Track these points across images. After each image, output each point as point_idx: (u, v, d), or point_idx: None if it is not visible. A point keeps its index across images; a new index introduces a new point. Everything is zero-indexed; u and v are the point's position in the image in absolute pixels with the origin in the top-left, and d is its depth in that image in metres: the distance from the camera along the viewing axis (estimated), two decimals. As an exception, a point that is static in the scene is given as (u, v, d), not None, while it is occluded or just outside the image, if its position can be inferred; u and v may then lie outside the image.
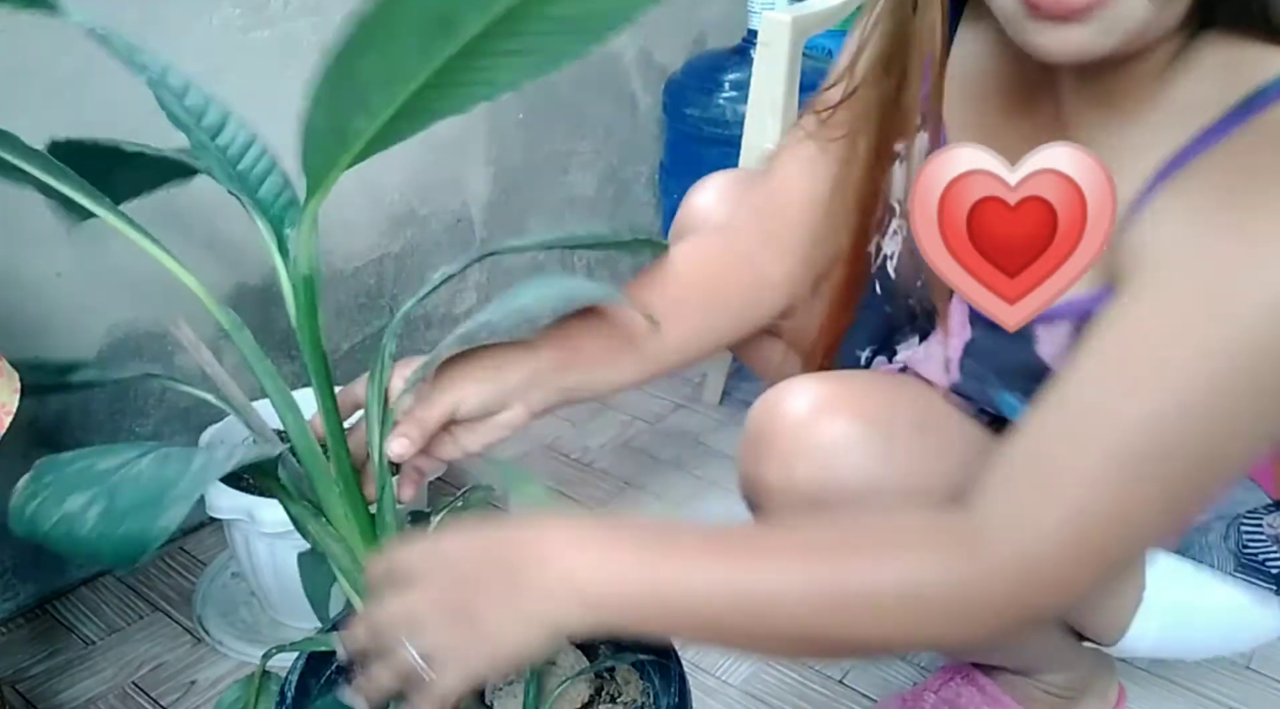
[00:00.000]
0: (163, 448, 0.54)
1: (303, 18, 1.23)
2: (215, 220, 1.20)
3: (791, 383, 0.75)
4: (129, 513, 0.50)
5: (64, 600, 1.19)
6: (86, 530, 0.49)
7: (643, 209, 1.82)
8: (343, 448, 0.66)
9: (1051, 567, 0.56)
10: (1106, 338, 0.57)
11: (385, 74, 0.50)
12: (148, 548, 0.49)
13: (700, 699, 1.05)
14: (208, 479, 0.52)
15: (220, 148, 0.66)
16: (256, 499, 1.01)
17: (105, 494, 0.50)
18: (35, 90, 1.03)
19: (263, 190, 0.66)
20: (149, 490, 0.51)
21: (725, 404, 1.58)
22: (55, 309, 1.11)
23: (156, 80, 0.64)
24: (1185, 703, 1.06)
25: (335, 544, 0.67)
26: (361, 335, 1.43)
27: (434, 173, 1.45)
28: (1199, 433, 0.55)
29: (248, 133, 0.67)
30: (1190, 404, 0.54)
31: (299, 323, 0.64)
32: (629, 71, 1.68)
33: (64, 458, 0.53)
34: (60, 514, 0.50)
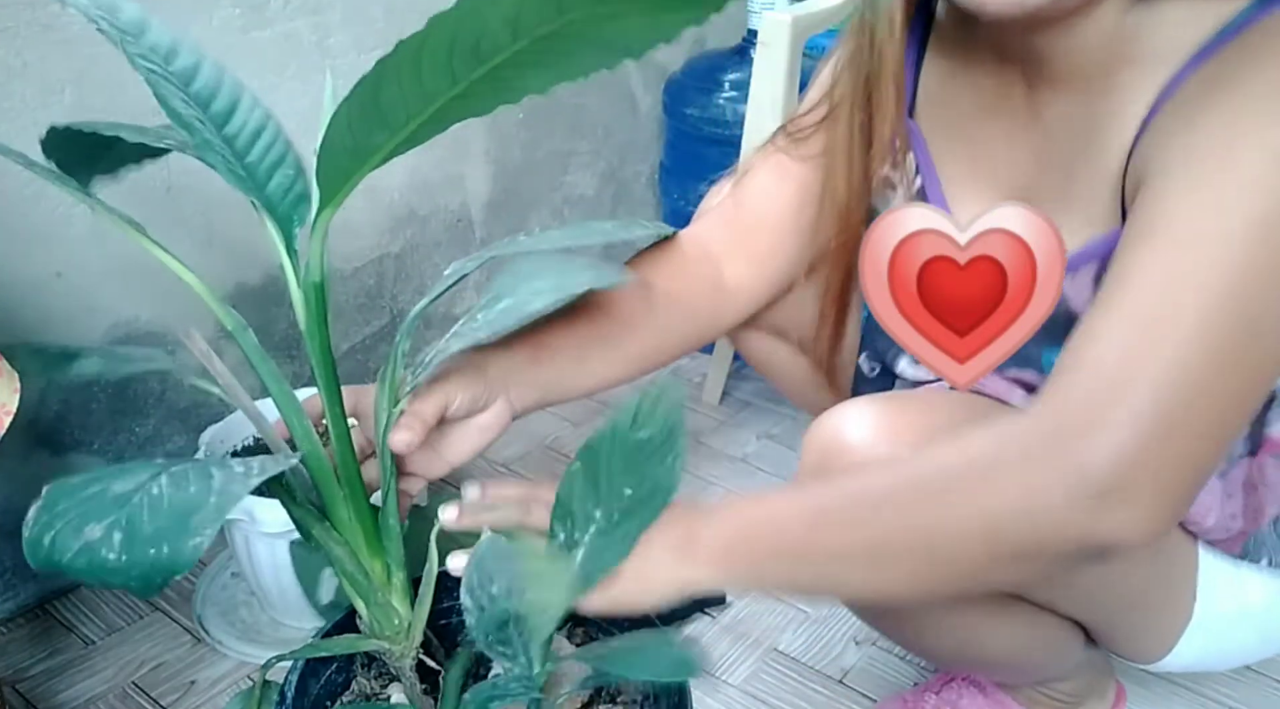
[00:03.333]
0: (172, 466, 0.53)
1: (302, 18, 1.23)
2: (215, 219, 1.20)
3: (847, 409, 0.72)
4: (153, 539, 0.48)
5: (64, 600, 1.19)
6: (111, 559, 0.47)
7: (642, 209, 1.82)
8: (348, 452, 0.66)
9: (1175, 497, 0.57)
10: (1147, 247, 0.58)
11: (410, 96, 0.50)
12: (177, 573, 0.48)
13: (700, 699, 1.05)
14: (233, 500, 0.50)
15: (227, 138, 0.62)
16: (257, 499, 1.01)
17: (125, 520, 0.48)
18: (34, 90, 1.03)
19: (272, 185, 0.63)
20: (173, 514, 0.49)
21: (725, 404, 1.58)
22: (55, 309, 1.11)
23: (159, 72, 0.61)
24: (1185, 703, 1.06)
25: (339, 548, 0.67)
26: (361, 335, 1.43)
27: (434, 173, 1.45)
28: (1249, 319, 0.56)
29: (260, 116, 0.63)
30: (1232, 292, 0.56)
31: (309, 329, 0.63)
32: (629, 71, 1.68)
33: (74, 482, 0.51)
34: (80, 544, 0.48)
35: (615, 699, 0.78)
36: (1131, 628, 0.80)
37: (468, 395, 0.71)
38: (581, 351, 0.79)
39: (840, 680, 1.09)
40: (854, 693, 1.07)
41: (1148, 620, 0.80)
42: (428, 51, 0.47)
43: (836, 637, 1.14)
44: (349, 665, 0.78)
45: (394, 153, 0.55)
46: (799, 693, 1.07)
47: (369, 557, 0.68)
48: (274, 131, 0.62)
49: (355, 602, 0.69)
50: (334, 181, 0.56)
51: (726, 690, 1.07)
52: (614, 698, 0.78)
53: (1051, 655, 0.83)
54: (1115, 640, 0.82)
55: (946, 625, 0.73)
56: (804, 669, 1.10)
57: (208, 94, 0.61)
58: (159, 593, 0.57)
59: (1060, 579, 0.72)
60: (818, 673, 1.10)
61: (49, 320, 1.10)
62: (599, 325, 0.79)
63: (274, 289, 1.29)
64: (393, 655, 0.70)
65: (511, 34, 0.46)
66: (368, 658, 0.78)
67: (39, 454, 1.14)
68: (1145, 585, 0.77)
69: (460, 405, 0.71)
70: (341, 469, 0.66)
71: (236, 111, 0.62)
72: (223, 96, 0.61)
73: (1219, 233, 0.57)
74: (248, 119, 0.62)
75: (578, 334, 0.79)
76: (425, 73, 0.48)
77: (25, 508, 0.51)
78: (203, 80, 0.61)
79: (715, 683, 1.08)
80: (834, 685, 1.08)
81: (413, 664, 0.71)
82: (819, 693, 1.07)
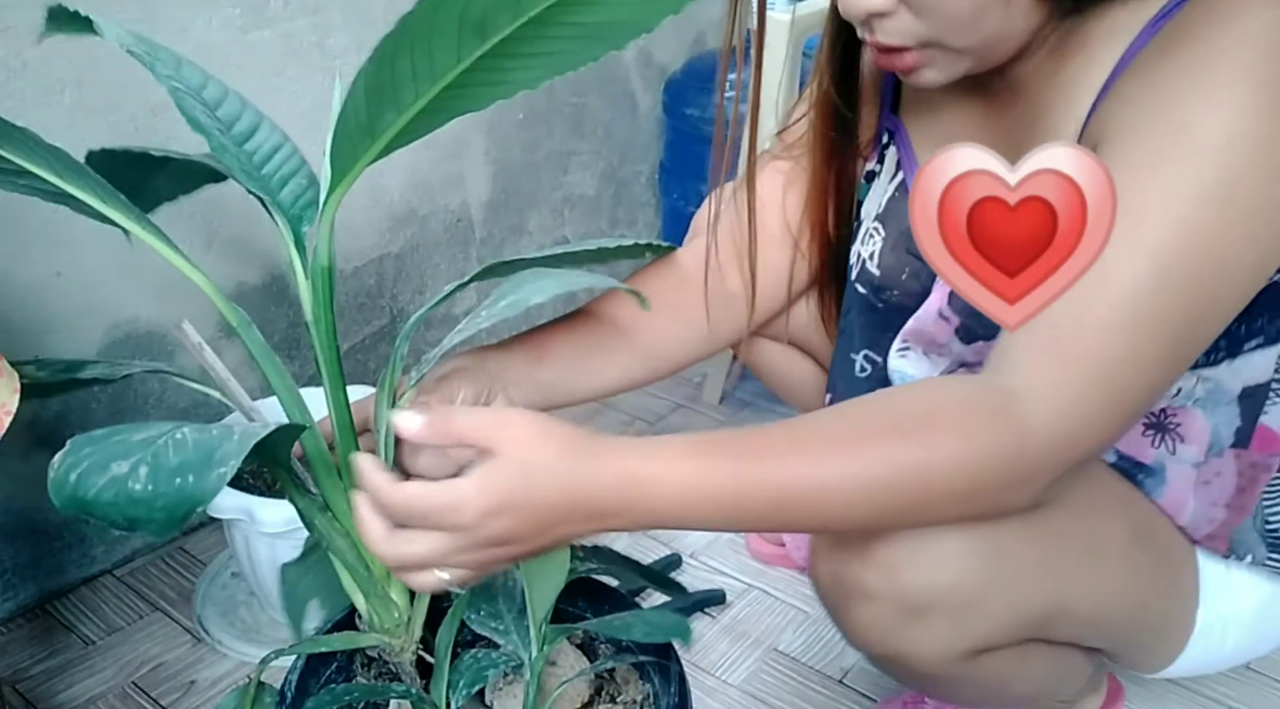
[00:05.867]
0: (191, 423, 0.55)
1: (302, 18, 1.23)
2: (213, 220, 1.20)
3: None
4: (179, 470, 0.50)
5: (64, 600, 1.19)
6: (137, 490, 0.49)
7: (642, 209, 1.82)
8: (352, 442, 0.66)
9: (1088, 417, 0.60)
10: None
11: (420, 72, 0.53)
12: (202, 503, 0.49)
13: (700, 699, 1.05)
14: (253, 438, 0.52)
15: (248, 153, 0.68)
16: (257, 499, 1.01)
17: (151, 457, 0.50)
18: (33, 90, 1.03)
19: (285, 191, 0.68)
20: (197, 451, 0.51)
21: (725, 404, 1.58)
22: (55, 309, 1.11)
23: (185, 90, 0.67)
24: (1184, 703, 1.06)
25: (340, 539, 0.67)
26: (361, 335, 1.43)
27: (434, 173, 1.45)
28: (1190, 267, 0.59)
29: (278, 136, 0.70)
30: (1175, 244, 0.59)
31: (315, 314, 0.65)
32: (629, 71, 1.68)
33: (96, 434, 0.53)
34: (106, 478, 0.49)
35: (615, 699, 0.78)
36: (1146, 645, 0.81)
37: (471, 390, 0.72)
38: (582, 355, 0.80)
39: (840, 680, 1.09)
40: (854, 693, 1.07)
41: (1160, 636, 0.80)
42: (439, 26, 0.51)
43: (836, 637, 1.14)
44: (349, 665, 0.78)
45: (399, 138, 0.57)
46: (799, 693, 1.07)
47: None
48: (290, 150, 0.71)
49: (354, 597, 0.69)
50: (345, 160, 0.58)
51: (726, 690, 1.07)
52: (614, 698, 0.78)
53: (1069, 682, 0.84)
54: (1127, 656, 0.82)
55: (972, 681, 0.73)
56: (804, 669, 1.10)
57: (232, 116, 0.70)
58: (180, 528, 0.58)
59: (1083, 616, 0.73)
60: (818, 673, 1.10)
61: (49, 320, 1.10)
62: (599, 331, 0.80)
63: (274, 289, 1.29)
64: (392, 651, 0.71)
65: (512, 13, 0.51)
66: (367, 658, 0.79)
67: (39, 454, 1.14)
68: (1162, 604, 0.78)
69: (464, 401, 0.72)
70: (343, 460, 0.66)
71: (257, 132, 0.70)
72: (246, 119, 0.70)
73: (1168, 196, 0.59)
74: (267, 138, 0.70)
75: (578, 339, 0.80)
76: (436, 47, 0.52)
77: (26, 508, 0.51)
78: (229, 107, 0.70)
79: (715, 683, 1.08)
80: (834, 685, 1.08)
81: (412, 660, 0.71)
82: (819, 693, 1.07)
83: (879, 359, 0.86)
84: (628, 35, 0.54)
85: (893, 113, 0.83)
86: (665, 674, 0.75)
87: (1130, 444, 0.76)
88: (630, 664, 0.80)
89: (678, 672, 0.74)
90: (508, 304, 0.65)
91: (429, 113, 0.56)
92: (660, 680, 0.76)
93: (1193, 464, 0.75)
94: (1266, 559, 0.79)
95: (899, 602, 0.67)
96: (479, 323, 0.66)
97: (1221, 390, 0.73)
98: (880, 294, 0.83)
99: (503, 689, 0.78)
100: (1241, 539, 0.78)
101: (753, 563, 1.25)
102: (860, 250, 0.85)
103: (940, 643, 0.68)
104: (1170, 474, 0.76)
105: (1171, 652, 0.81)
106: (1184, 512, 0.76)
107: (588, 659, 0.80)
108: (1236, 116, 0.58)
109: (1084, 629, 0.75)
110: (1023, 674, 0.75)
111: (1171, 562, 0.78)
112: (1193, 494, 0.76)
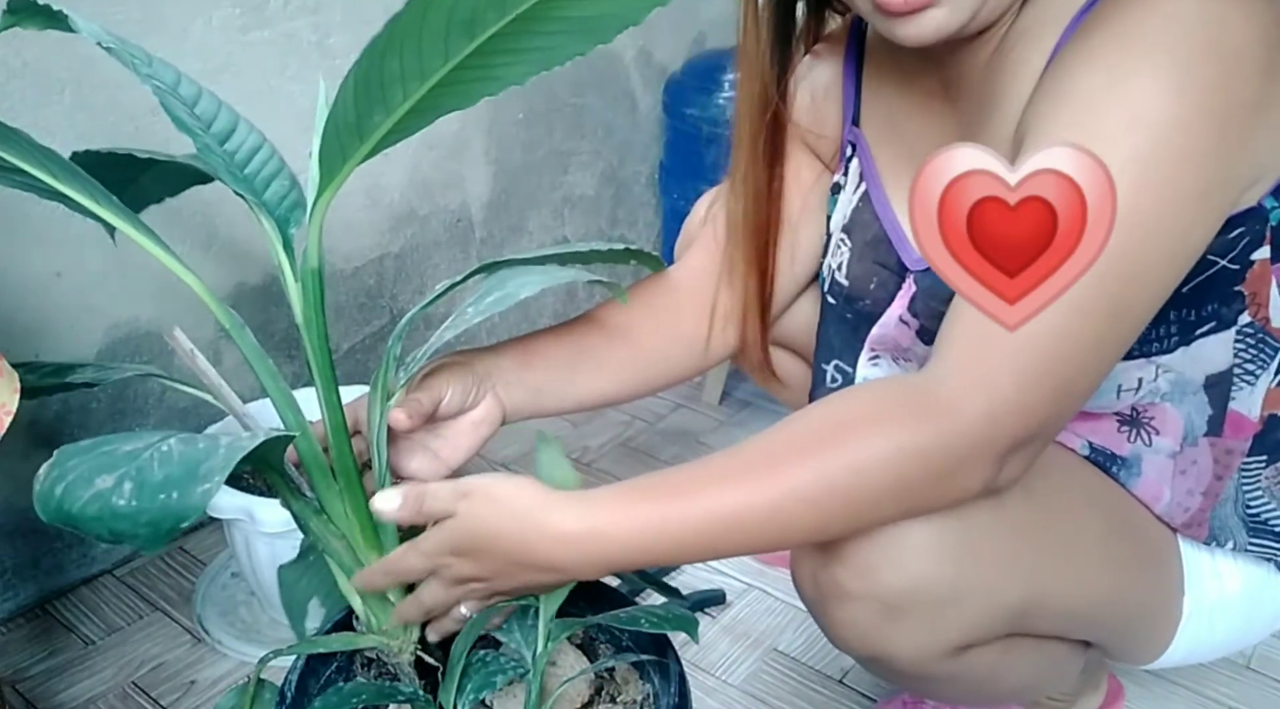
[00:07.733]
0: (179, 433, 0.54)
1: (302, 18, 1.23)
2: (213, 221, 1.20)
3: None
4: (163, 486, 0.50)
5: (64, 600, 1.19)
6: (121, 506, 0.49)
7: (642, 209, 1.82)
8: (345, 444, 0.66)
9: (1016, 403, 0.60)
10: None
11: (408, 71, 0.53)
12: (186, 519, 0.49)
13: (700, 699, 1.05)
14: (240, 452, 0.52)
15: (229, 152, 0.68)
16: (256, 499, 1.01)
17: (135, 472, 0.50)
18: (33, 90, 1.03)
19: (269, 192, 0.68)
20: (182, 466, 0.51)
21: (725, 404, 1.58)
22: (55, 309, 1.11)
23: (166, 89, 0.66)
24: (1185, 703, 1.06)
25: (336, 541, 0.67)
26: (361, 335, 1.43)
27: (434, 173, 1.45)
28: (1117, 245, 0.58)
29: (256, 137, 0.70)
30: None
31: (306, 316, 0.64)
32: (629, 71, 1.68)
33: (83, 444, 0.53)
34: (91, 492, 0.49)
35: (615, 699, 0.78)
36: (1133, 636, 0.81)
37: (459, 389, 0.74)
38: (570, 361, 0.81)
39: (840, 680, 1.09)
40: (854, 693, 1.07)
41: (1146, 626, 0.80)
42: (428, 26, 0.51)
43: (836, 636, 1.14)
44: (349, 665, 0.78)
45: (386, 139, 0.57)
46: (799, 693, 1.07)
47: (366, 550, 0.68)
48: (269, 151, 0.70)
49: (351, 599, 0.69)
50: (334, 160, 0.58)
51: (726, 690, 1.07)
52: (614, 698, 0.78)
53: (1059, 676, 0.84)
54: (1115, 648, 0.83)
55: (959, 678, 0.74)
56: (804, 669, 1.10)
57: (209, 116, 0.69)
58: (165, 544, 0.58)
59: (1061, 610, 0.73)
60: (818, 673, 1.10)
61: (49, 320, 1.11)
62: (588, 339, 0.82)
63: (274, 289, 1.29)
64: (391, 652, 0.71)
65: (500, 10, 0.51)
66: (367, 658, 0.79)
67: (39, 454, 1.13)
68: (1143, 594, 0.78)
69: (452, 400, 0.74)
70: (337, 462, 0.66)
71: (235, 132, 0.69)
72: (223, 119, 0.70)
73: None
74: (246, 138, 0.69)
75: (566, 346, 0.82)
76: (425, 47, 0.52)
77: (26, 508, 0.51)
78: (205, 105, 0.69)
79: (715, 683, 1.08)
80: (834, 685, 1.08)
81: (411, 660, 0.71)
82: (819, 693, 1.07)
83: (849, 369, 0.87)
84: (614, 29, 0.54)
85: (854, 125, 0.84)
86: (665, 674, 0.75)
87: (1105, 438, 0.77)
88: (630, 664, 0.80)
89: (678, 671, 0.74)
90: (494, 300, 0.66)
91: (417, 112, 0.56)
92: (660, 680, 0.76)
93: (1169, 455, 0.76)
94: (1248, 545, 0.79)
95: (877, 602, 0.67)
96: (466, 319, 0.67)
97: (1185, 380, 0.73)
98: (851, 304, 0.85)
99: (503, 690, 0.78)
100: (1222, 526, 0.78)
101: (753, 563, 1.25)
102: (830, 262, 0.86)
103: (920, 641, 0.68)
104: (1145, 466, 0.76)
105: (1161, 641, 0.81)
106: (1160, 500, 0.77)
107: (588, 659, 0.80)
108: (1154, 93, 0.58)
109: (1065, 621, 0.75)
110: (1009, 669, 0.75)
111: (1150, 551, 0.78)
112: (1170, 484, 0.76)
